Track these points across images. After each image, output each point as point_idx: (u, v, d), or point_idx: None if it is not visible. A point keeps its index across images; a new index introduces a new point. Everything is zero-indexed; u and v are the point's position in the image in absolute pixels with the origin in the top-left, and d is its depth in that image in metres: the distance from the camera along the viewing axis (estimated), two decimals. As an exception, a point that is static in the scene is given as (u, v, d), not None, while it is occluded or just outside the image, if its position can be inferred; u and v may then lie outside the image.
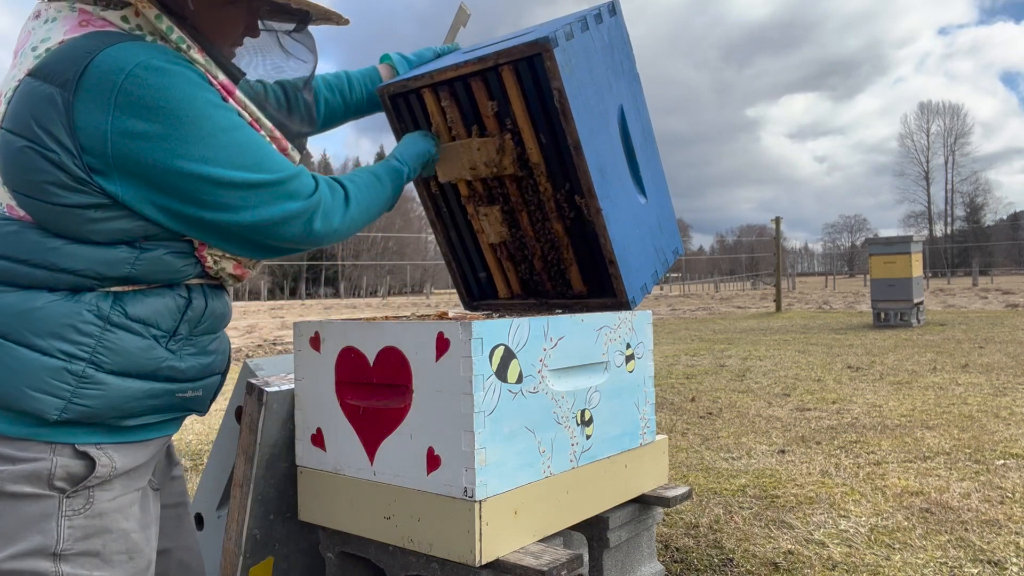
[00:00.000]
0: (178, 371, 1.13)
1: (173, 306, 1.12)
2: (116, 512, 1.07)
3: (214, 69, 1.11)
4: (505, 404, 1.28)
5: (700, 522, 2.65)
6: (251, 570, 1.45)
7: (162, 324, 1.11)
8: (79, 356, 1.03)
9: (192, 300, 1.15)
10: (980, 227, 67.88)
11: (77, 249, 1.02)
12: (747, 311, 15.90)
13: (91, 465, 1.04)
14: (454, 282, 1.93)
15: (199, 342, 1.18)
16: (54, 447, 1.03)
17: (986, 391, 4.90)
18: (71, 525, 1.03)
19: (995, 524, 2.50)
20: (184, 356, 1.14)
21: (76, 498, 1.03)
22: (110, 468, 1.06)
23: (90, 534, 1.04)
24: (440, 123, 1.66)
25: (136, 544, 1.09)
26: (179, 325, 1.13)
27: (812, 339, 8.77)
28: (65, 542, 1.02)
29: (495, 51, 1.49)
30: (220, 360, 1.24)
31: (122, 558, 1.07)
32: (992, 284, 28.63)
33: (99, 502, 1.05)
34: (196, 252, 1.12)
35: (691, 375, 6.20)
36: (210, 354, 1.20)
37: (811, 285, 39.01)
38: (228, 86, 1.12)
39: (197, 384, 1.18)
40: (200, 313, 1.16)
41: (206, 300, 1.17)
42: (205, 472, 1.82)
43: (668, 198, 1.87)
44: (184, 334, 1.14)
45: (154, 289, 1.10)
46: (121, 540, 1.07)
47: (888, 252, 10.03)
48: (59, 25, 1.05)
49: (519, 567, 1.24)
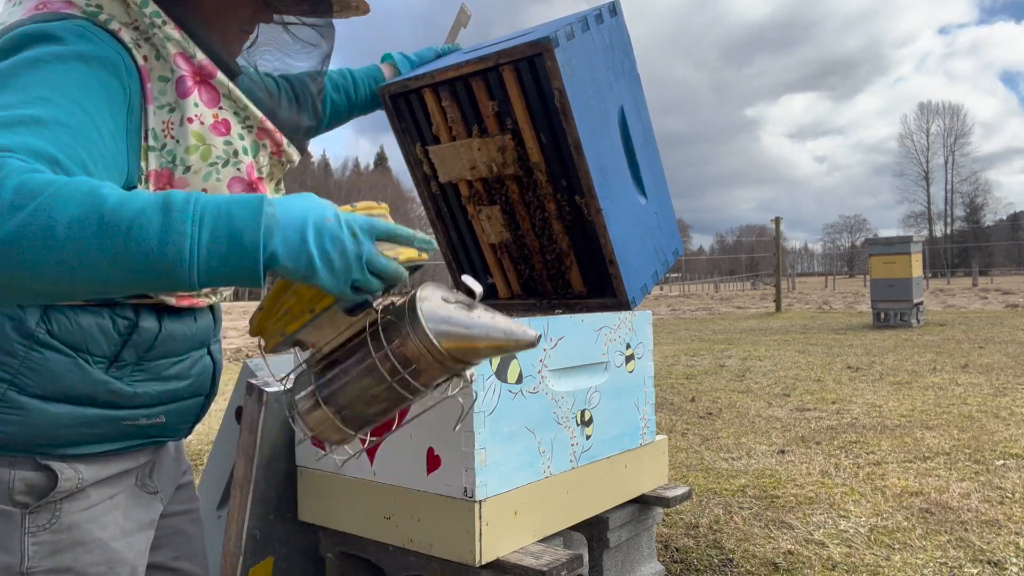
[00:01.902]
0: (124, 396, 0.99)
1: (111, 328, 0.97)
2: (89, 523, 0.99)
3: (192, 48, 0.99)
4: (505, 404, 1.27)
5: (700, 522, 2.65)
6: (251, 570, 1.45)
7: (94, 349, 0.96)
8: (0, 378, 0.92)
9: (139, 323, 0.99)
10: (980, 227, 67.89)
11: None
12: (747, 311, 15.90)
13: (54, 477, 0.95)
14: (454, 282, 1.93)
15: (154, 368, 1.03)
16: (13, 459, 0.94)
17: (986, 391, 4.90)
18: (36, 542, 0.95)
19: (995, 524, 2.50)
20: (133, 382, 1.00)
21: (40, 513, 0.95)
22: (76, 481, 0.97)
23: (58, 549, 0.96)
24: (441, 123, 1.66)
25: (115, 553, 1.01)
26: (121, 351, 0.98)
27: (812, 339, 8.77)
28: (31, 560, 0.94)
29: (496, 51, 1.49)
30: (191, 384, 1.08)
31: (100, 570, 0.99)
32: (992, 284, 28.63)
33: (68, 514, 0.97)
34: None
35: (691, 375, 6.20)
36: (171, 379, 1.05)
37: (811, 285, 39.01)
38: (206, 67, 0.99)
39: (155, 411, 1.03)
40: (150, 338, 1.00)
41: (160, 323, 1.01)
42: (205, 472, 1.82)
43: (668, 198, 1.87)
44: (130, 360, 0.99)
45: (90, 307, 0.96)
46: (97, 551, 0.99)
47: (888, 252, 10.03)
48: (20, 9, 0.96)
49: (519, 567, 1.24)
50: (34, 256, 0.70)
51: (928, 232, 66.64)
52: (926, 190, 68.92)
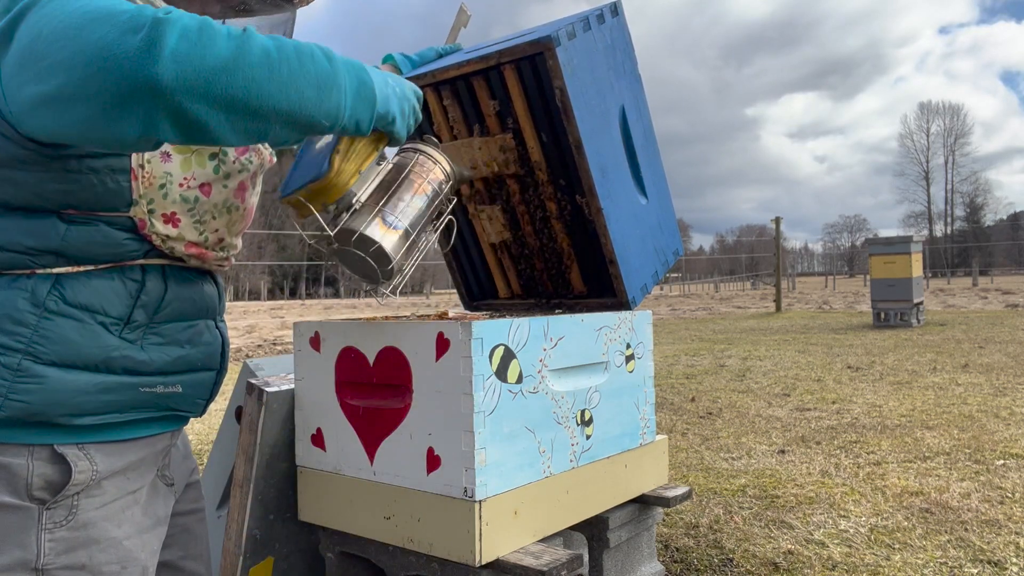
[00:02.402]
0: (138, 362, 1.02)
1: (123, 289, 1.01)
2: (105, 520, 1.00)
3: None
4: (505, 404, 1.27)
5: (700, 522, 2.65)
6: (251, 570, 1.45)
7: (110, 310, 0.99)
8: (14, 347, 0.94)
9: (146, 283, 1.03)
10: (980, 227, 67.91)
11: (1, 221, 0.95)
12: (747, 311, 15.90)
13: (68, 470, 0.96)
14: (454, 282, 1.93)
15: (165, 330, 1.06)
16: (31, 449, 0.95)
17: (986, 391, 4.90)
18: (52, 538, 0.96)
19: (995, 524, 2.50)
20: (147, 346, 1.03)
21: (57, 509, 0.96)
22: (90, 473, 0.98)
23: (74, 547, 0.97)
24: (442, 122, 1.66)
25: (129, 552, 1.02)
26: (132, 311, 1.02)
27: (812, 339, 8.76)
28: (47, 556, 0.95)
29: (497, 50, 1.49)
30: (203, 353, 1.12)
31: (113, 569, 1.00)
32: (992, 284, 28.63)
33: (84, 511, 0.98)
34: (138, 229, 1.02)
35: (691, 375, 6.20)
36: (183, 344, 1.08)
37: (811, 285, 39.01)
38: None
39: (171, 379, 1.07)
40: (157, 297, 1.04)
41: (165, 283, 1.05)
42: (205, 472, 1.82)
43: (669, 198, 1.87)
44: (141, 321, 1.03)
45: (102, 270, 1.00)
46: (111, 550, 1.00)
47: (888, 252, 10.03)
48: None
49: (519, 567, 1.24)
50: (255, 73, 0.82)
51: (928, 232, 66.71)
52: (926, 190, 68.97)
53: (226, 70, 0.80)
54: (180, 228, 1.06)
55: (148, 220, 1.02)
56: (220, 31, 0.81)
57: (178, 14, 0.79)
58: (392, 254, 1.16)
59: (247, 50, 0.82)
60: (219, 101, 0.80)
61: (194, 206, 1.07)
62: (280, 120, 0.86)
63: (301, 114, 0.87)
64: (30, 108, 0.83)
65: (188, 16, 0.80)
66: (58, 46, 0.78)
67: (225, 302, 1.22)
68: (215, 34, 0.80)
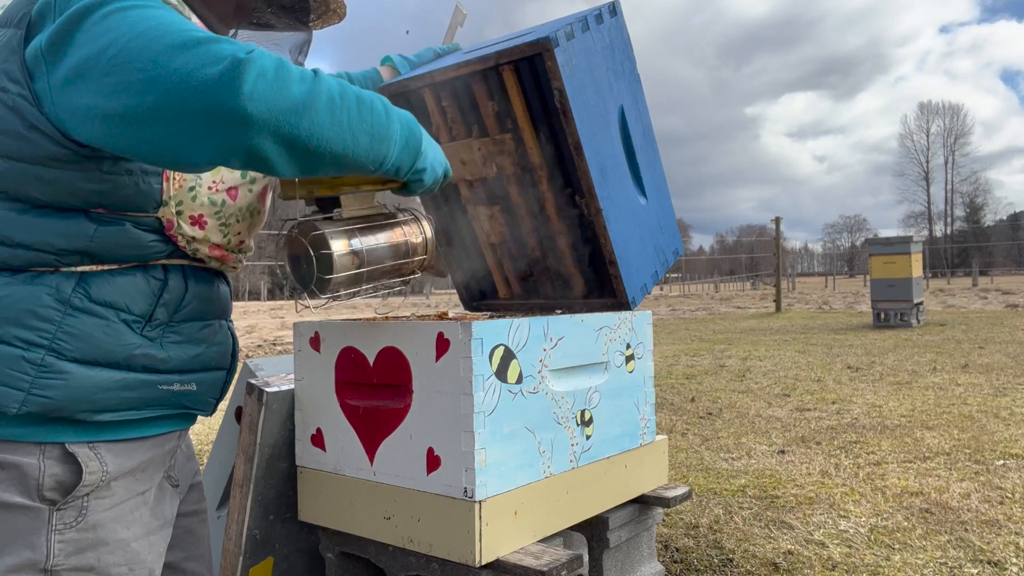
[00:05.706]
0: (157, 360, 1.04)
1: (146, 288, 1.03)
2: (114, 522, 1.01)
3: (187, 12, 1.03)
4: (505, 404, 1.28)
5: (700, 522, 2.65)
6: (251, 570, 1.45)
7: (133, 307, 1.01)
8: (38, 343, 0.95)
9: (168, 281, 1.05)
10: (980, 227, 67.92)
11: (30, 219, 0.95)
12: (747, 311, 15.90)
13: (79, 471, 0.97)
14: (454, 282, 1.93)
15: (184, 329, 1.08)
16: (43, 448, 0.96)
17: (986, 391, 4.90)
18: (62, 540, 0.96)
19: (995, 524, 2.50)
20: (166, 344, 1.05)
21: (67, 510, 0.97)
22: (100, 474, 0.99)
23: (83, 548, 0.98)
24: (440, 123, 1.66)
25: (136, 554, 1.03)
26: (155, 309, 1.04)
27: (812, 339, 8.77)
28: (56, 557, 0.96)
29: (496, 51, 1.49)
30: (217, 352, 1.14)
31: (121, 571, 1.01)
32: (992, 284, 28.62)
33: (94, 512, 0.99)
34: (165, 230, 1.04)
35: (691, 375, 6.20)
36: (200, 343, 1.10)
37: (811, 285, 39.00)
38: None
39: (187, 377, 1.09)
40: (179, 296, 1.07)
41: (186, 282, 1.08)
42: (205, 472, 1.82)
43: (668, 199, 1.87)
44: (162, 319, 1.05)
45: (125, 269, 1.01)
46: (119, 552, 1.01)
47: (888, 252, 10.03)
48: None
49: (519, 567, 1.24)
50: (320, 118, 0.86)
51: (928, 232, 66.72)
52: (926, 190, 68.98)
53: (296, 112, 0.84)
54: (206, 230, 1.09)
55: (176, 222, 1.05)
56: (294, 74, 0.85)
57: (259, 52, 0.83)
58: (338, 270, 1.18)
59: (316, 95, 0.86)
60: (284, 140, 0.84)
61: (220, 209, 1.10)
62: (333, 161, 0.91)
63: (352, 158, 0.93)
64: (84, 118, 0.86)
65: (268, 56, 0.84)
66: (133, 67, 0.81)
67: (232, 305, 1.25)
68: (289, 77, 0.84)
